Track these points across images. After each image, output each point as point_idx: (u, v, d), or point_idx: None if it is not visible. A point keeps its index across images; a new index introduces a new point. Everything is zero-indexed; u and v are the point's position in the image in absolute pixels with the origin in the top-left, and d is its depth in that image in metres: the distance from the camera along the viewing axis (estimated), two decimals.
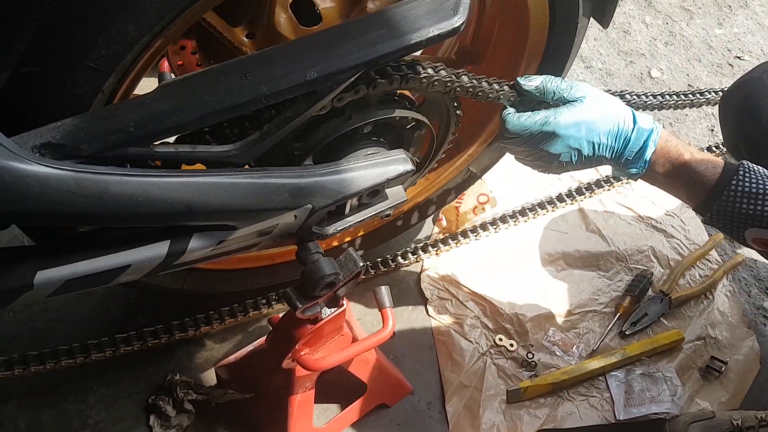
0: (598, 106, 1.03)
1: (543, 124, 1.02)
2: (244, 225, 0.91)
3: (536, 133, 1.03)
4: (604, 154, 1.06)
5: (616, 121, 1.04)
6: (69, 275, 0.82)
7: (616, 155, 1.06)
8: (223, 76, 0.82)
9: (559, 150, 1.05)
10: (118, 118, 0.78)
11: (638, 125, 1.04)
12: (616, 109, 1.05)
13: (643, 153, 1.05)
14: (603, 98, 1.05)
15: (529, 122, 1.03)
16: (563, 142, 1.03)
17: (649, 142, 1.04)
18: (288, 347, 1.13)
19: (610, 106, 1.04)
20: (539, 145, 1.05)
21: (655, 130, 1.05)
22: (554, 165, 1.08)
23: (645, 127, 1.04)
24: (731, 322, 1.61)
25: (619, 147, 1.05)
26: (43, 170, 0.73)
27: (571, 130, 1.02)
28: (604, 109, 1.04)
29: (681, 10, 2.42)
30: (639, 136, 1.04)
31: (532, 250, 1.68)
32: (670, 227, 1.76)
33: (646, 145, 1.04)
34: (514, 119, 1.04)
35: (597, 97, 1.04)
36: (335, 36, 0.87)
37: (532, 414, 1.43)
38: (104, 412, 1.36)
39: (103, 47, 0.78)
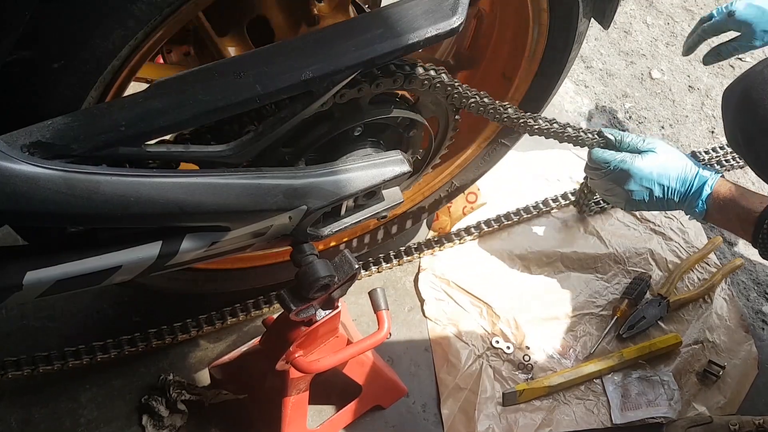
0: (668, 156, 1.22)
1: (621, 162, 1.21)
2: (237, 226, 0.90)
3: (615, 168, 1.22)
4: (672, 197, 1.22)
5: (681, 168, 1.21)
6: (59, 276, 0.81)
7: (681, 198, 1.22)
8: (217, 75, 0.81)
9: (632, 188, 1.22)
10: (109, 116, 0.77)
11: (699, 173, 1.20)
12: (682, 159, 1.22)
13: (700, 195, 1.20)
14: (672, 151, 1.23)
15: (610, 157, 1.23)
16: (637, 182, 1.21)
17: (705, 186, 1.19)
18: (282, 349, 1.12)
19: (677, 157, 1.23)
20: (616, 183, 1.23)
21: (712, 177, 1.20)
22: (628, 202, 1.25)
23: (704, 175, 1.20)
24: (729, 326, 1.60)
25: (684, 190, 1.21)
26: (32, 170, 0.72)
27: (644, 172, 1.20)
28: (674, 158, 1.22)
29: (683, 10, 2.41)
30: (699, 181, 1.20)
31: (530, 252, 1.67)
32: (668, 230, 1.75)
33: (702, 188, 1.19)
34: (599, 152, 1.24)
35: (667, 148, 1.23)
36: (332, 35, 0.85)
37: (527, 417, 1.42)
38: (96, 411, 1.35)
39: (93, 45, 0.77)
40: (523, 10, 1.15)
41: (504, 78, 1.32)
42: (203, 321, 1.43)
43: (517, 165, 1.79)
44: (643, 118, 2.06)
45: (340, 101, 0.92)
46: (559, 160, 1.84)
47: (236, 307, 1.46)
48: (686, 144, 2.02)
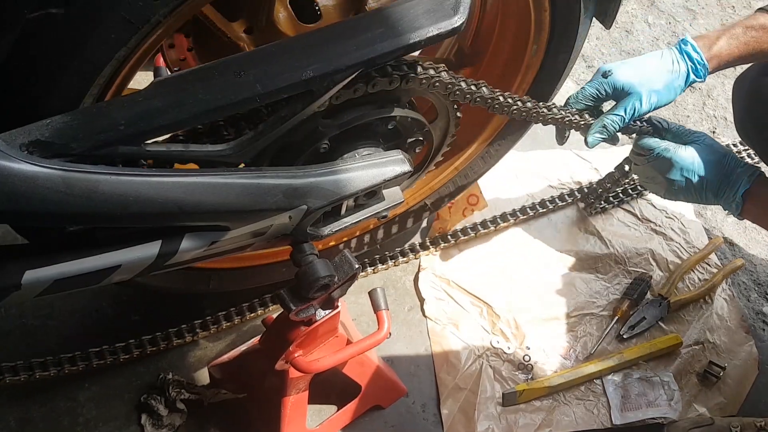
0: (711, 149, 1.22)
1: (665, 150, 1.22)
2: (237, 226, 0.89)
3: (658, 156, 1.23)
4: (710, 189, 1.22)
5: (722, 161, 1.21)
6: (58, 275, 0.81)
7: (717, 191, 1.22)
8: (217, 74, 0.80)
9: (673, 177, 1.23)
10: (109, 115, 0.76)
11: (740, 169, 1.20)
12: (724, 154, 1.22)
13: (738, 190, 1.20)
14: (715, 144, 1.24)
15: (655, 144, 1.24)
16: (677, 171, 1.22)
17: (743, 182, 1.19)
18: (281, 349, 1.12)
19: (719, 151, 1.23)
20: (658, 170, 1.24)
21: (751, 173, 1.20)
22: (668, 190, 1.26)
23: (744, 170, 1.20)
24: (730, 326, 1.60)
25: (721, 183, 1.21)
26: (31, 169, 0.72)
27: (685, 162, 1.21)
28: (715, 152, 1.22)
29: (684, 10, 2.40)
30: (738, 176, 1.20)
31: (530, 252, 1.67)
32: (669, 230, 1.74)
33: (741, 183, 1.19)
34: (646, 139, 1.25)
35: (711, 142, 1.24)
36: (332, 35, 0.85)
37: (527, 417, 1.42)
38: (95, 410, 1.34)
39: (95, 42, 0.76)
40: (525, 10, 1.15)
41: (504, 77, 1.31)
42: (209, 322, 1.43)
43: (517, 165, 1.79)
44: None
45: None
46: (561, 160, 1.84)
47: (239, 308, 1.46)
48: None
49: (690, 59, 1.20)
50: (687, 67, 1.20)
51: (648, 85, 1.18)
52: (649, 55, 1.22)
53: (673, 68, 1.20)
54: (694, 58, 1.20)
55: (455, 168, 1.46)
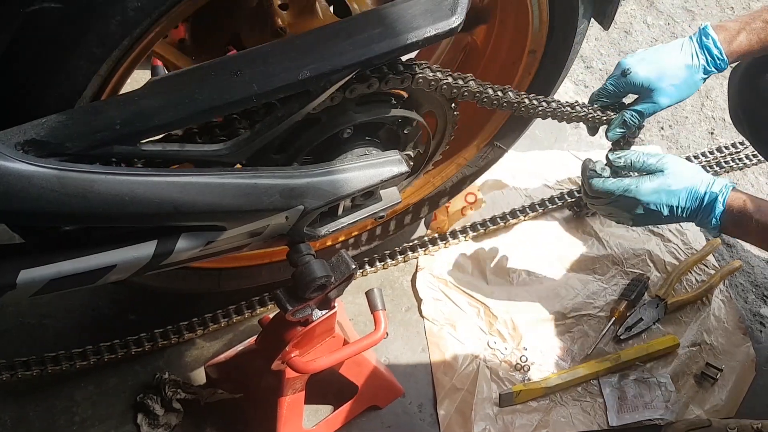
0: (680, 174, 1.15)
1: (625, 191, 1.16)
2: (233, 226, 0.89)
3: (620, 197, 1.17)
4: (682, 215, 1.17)
5: (691, 186, 1.15)
6: (53, 275, 0.81)
7: (691, 215, 1.17)
8: (214, 74, 0.80)
9: (639, 212, 1.18)
10: (104, 115, 0.76)
11: (709, 190, 1.14)
12: (692, 177, 1.16)
13: (713, 212, 1.14)
14: (685, 167, 1.16)
15: (614, 187, 1.17)
16: (643, 207, 1.16)
17: (716, 203, 1.14)
18: (278, 349, 1.12)
19: (687, 174, 1.16)
20: (621, 208, 1.19)
21: (723, 192, 1.14)
22: (635, 222, 1.21)
23: (715, 190, 1.14)
24: (727, 328, 1.60)
25: (693, 207, 1.15)
26: (26, 168, 0.71)
27: (651, 197, 1.15)
28: (685, 177, 1.15)
29: (683, 11, 2.40)
30: (710, 197, 1.14)
31: (528, 253, 1.66)
32: (667, 231, 1.74)
33: (714, 205, 1.14)
34: (600, 182, 1.19)
35: (679, 166, 1.16)
36: (329, 35, 0.85)
37: (524, 418, 1.41)
38: (91, 409, 1.34)
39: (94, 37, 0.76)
40: (523, 11, 1.15)
41: (502, 75, 1.31)
42: (208, 319, 1.44)
43: (515, 165, 1.79)
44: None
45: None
46: (558, 161, 1.84)
47: (232, 307, 1.46)
48: (685, 145, 2.01)
49: (710, 54, 1.18)
50: (706, 60, 1.19)
51: (668, 80, 1.17)
52: (668, 48, 1.20)
53: (692, 62, 1.18)
54: (715, 54, 1.18)
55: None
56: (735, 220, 1.14)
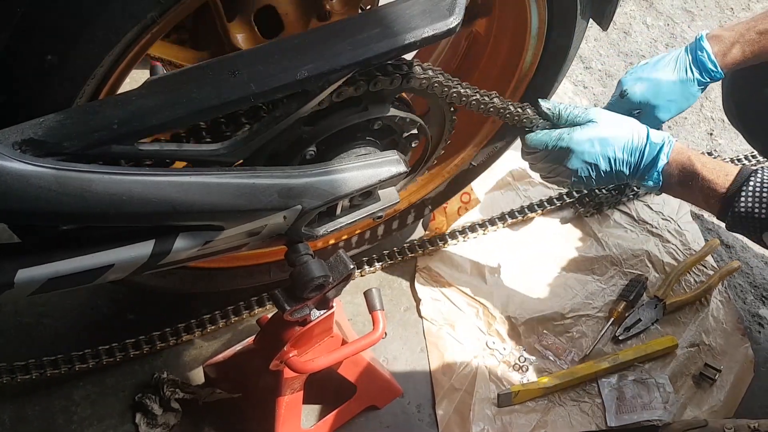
0: (611, 123, 1.11)
1: (558, 140, 1.11)
2: (231, 226, 0.89)
3: (552, 148, 1.12)
4: (622, 169, 1.11)
5: (629, 136, 1.10)
6: (51, 274, 0.81)
7: (632, 169, 1.11)
8: (212, 73, 0.80)
9: (575, 165, 1.12)
10: (102, 114, 0.76)
11: (651, 140, 1.08)
12: (630, 126, 1.11)
13: (655, 165, 1.09)
14: (616, 117, 1.12)
15: (546, 138, 1.13)
16: (579, 158, 1.11)
17: (660, 155, 1.08)
18: (276, 349, 1.12)
19: (623, 123, 1.11)
20: (557, 162, 1.13)
21: (667, 143, 1.09)
22: (575, 181, 1.15)
23: (656, 141, 1.08)
24: (726, 329, 1.60)
25: (634, 161, 1.10)
26: (23, 167, 0.71)
27: (585, 146, 1.10)
28: (617, 126, 1.11)
29: (683, 11, 2.40)
30: (651, 149, 1.08)
31: (526, 253, 1.67)
32: (666, 232, 1.74)
33: (658, 157, 1.08)
34: (533, 135, 1.15)
35: (610, 116, 1.12)
36: (327, 35, 0.85)
37: (522, 418, 1.42)
38: (90, 409, 1.34)
39: (88, 39, 0.76)
40: (522, 11, 1.15)
41: (502, 76, 1.31)
42: (206, 321, 1.44)
43: (514, 165, 1.79)
44: None
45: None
46: None
47: (235, 307, 1.46)
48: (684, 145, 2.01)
49: (704, 67, 1.19)
50: (701, 72, 1.19)
51: (665, 97, 1.18)
52: (663, 62, 1.21)
53: (687, 76, 1.19)
54: (708, 67, 1.19)
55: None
56: (679, 178, 1.10)
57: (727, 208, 1.07)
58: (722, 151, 2.01)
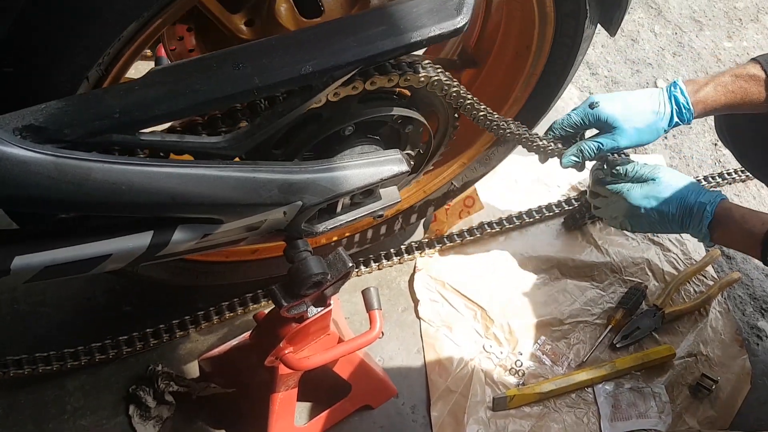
0: (670, 182, 1.18)
1: (618, 192, 1.20)
2: (230, 219, 0.89)
3: (612, 198, 1.21)
4: (673, 222, 1.18)
5: (682, 194, 1.17)
6: (47, 262, 0.80)
7: (681, 223, 1.18)
8: (216, 66, 0.80)
9: (632, 216, 1.20)
10: (104, 103, 0.76)
11: (699, 199, 1.16)
12: (684, 186, 1.18)
13: (701, 220, 1.16)
14: (675, 176, 1.19)
15: (611, 187, 1.21)
16: (634, 211, 1.19)
17: (705, 212, 1.15)
18: (272, 345, 1.11)
19: (679, 183, 1.18)
20: (616, 210, 1.21)
21: (711, 202, 1.16)
22: (629, 226, 1.23)
23: (704, 201, 1.16)
24: (724, 340, 1.59)
25: (682, 214, 1.17)
26: (23, 153, 0.71)
27: (642, 202, 1.18)
28: (674, 184, 1.18)
29: (691, 21, 2.40)
30: (699, 207, 1.16)
31: (527, 258, 1.66)
32: (667, 241, 1.74)
33: (703, 214, 1.16)
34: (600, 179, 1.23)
35: (670, 175, 1.19)
36: (333, 30, 0.84)
37: (517, 423, 1.41)
38: (83, 399, 1.34)
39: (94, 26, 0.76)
40: (528, 14, 1.14)
41: (506, 82, 1.31)
42: (201, 317, 1.43)
43: (516, 169, 1.79)
44: None
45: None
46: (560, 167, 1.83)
47: (230, 303, 1.46)
48: (688, 155, 2.01)
49: (677, 103, 1.21)
50: (672, 110, 1.21)
51: (631, 122, 1.19)
52: (638, 93, 1.23)
53: (658, 110, 1.20)
54: (681, 102, 1.21)
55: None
56: (723, 230, 1.16)
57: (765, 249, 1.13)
58: (726, 161, 2.00)
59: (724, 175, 1.92)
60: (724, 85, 1.23)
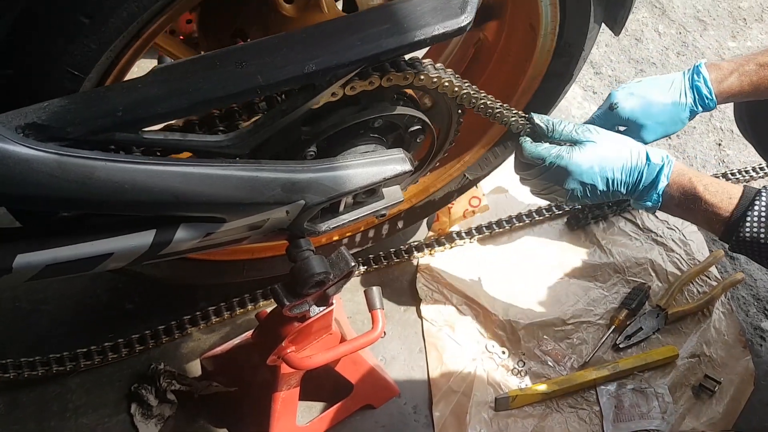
0: (610, 144, 1.08)
1: (557, 157, 1.08)
2: (233, 218, 0.88)
3: (550, 165, 1.08)
4: (620, 189, 1.09)
5: (628, 157, 1.08)
6: (49, 260, 0.80)
7: (630, 189, 1.09)
8: (219, 64, 0.79)
9: (572, 186, 1.10)
10: (107, 101, 0.75)
11: (651, 161, 1.06)
12: (628, 146, 1.09)
13: (655, 186, 1.07)
14: (614, 138, 1.09)
15: (545, 152, 1.09)
16: (576, 179, 1.08)
17: (660, 176, 1.06)
18: (274, 344, 1.11)
19: (621, 144, 1.09)
20: (553, 180, 1.10)
21: (667, 164, 1.07)
22: (569, 198, 1.13)
23: (656, 162, 1.06)
24: (727, 340, 1.59)
25: (633, 181, 1.08)
26: (26, 151, 0.71)
27: (584, 167, 1.07)
28: (616, 147, 1.08)
29: (695, 20, 2.39)
30: (651, 170, 1.06)
31: (530, 257, 1.66)
32: (670, 241, 1.73)
33: (658, 178, 1.06)
34: (531, 146, 1.10)
35: (608, 136, 1.09)
36: (337, 29, 0.84)
37: (519, 423, 1.41)
38: (85, 397, 1.33)
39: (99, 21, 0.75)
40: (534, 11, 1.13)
41: (510, 78, 1.30)
42: (199, 317, 1.43)
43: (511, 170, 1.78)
44: None
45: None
46: None
47: (230, 303, 1.46)
48: (692, 155, 2.00)
49: (699, 93, 1.17)
50: (694, 99, 1.17)
51: (654, 118, 1.16)
52: (659, 83, 1.18)
53: (680, 100, 1.16)
54: (704, 93, 1.17)
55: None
56: (680, 200, 1.08)
57: (731, 232, 1.05)
58: (730, 162, 2.00)
59: (728, 175, 1.92)
60: (748, 75, 1.17)
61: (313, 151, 0.96)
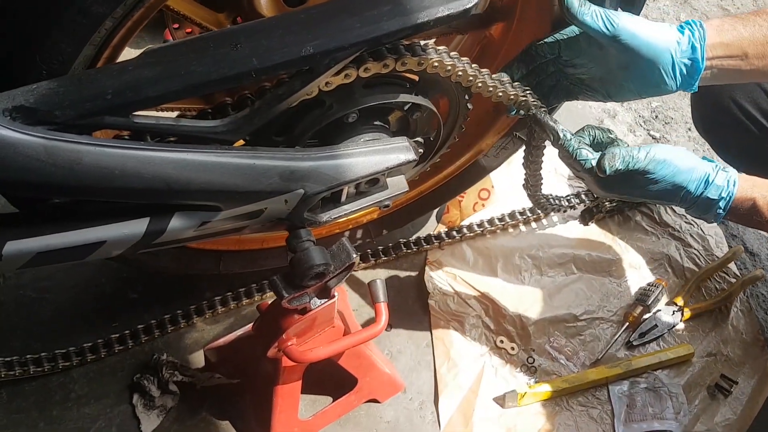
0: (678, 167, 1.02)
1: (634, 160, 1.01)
2: (229, 207, 0.86)
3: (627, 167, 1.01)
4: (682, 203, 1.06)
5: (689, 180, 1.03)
6: (40, 248, 0.78)
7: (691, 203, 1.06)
8: (213, 46, 0.76)
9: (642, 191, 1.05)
10: (96, 84, 0.73)
11: (715, 182, 1.03)
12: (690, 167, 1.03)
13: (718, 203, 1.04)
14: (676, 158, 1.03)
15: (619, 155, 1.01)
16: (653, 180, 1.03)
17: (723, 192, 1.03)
18: (274, 336, 1.09)
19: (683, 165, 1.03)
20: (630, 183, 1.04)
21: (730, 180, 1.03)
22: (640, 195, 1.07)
23: (720, 184, 1.03)
24: (745, 339, 1.54)
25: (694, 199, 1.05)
26: (12, 135, 0.68)
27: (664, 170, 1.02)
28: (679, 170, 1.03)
29: (718, 9, 2.32)
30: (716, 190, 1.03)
31: (542, 251, 1.61)
32: (688, 236, 1.68)
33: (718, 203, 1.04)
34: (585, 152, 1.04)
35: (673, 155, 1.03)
36: (336, 10, 0.80)
37: (527, 422, 1.37)
38: (87, 386, 1.32)
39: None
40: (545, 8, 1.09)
41: None
42: (205, 306, 1.42)
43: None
44: (670, 119, 1.99)
45: None
46: None
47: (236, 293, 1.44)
48: None
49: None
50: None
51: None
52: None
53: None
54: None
55: None
56: (743, 212, 1.04)
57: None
58: None
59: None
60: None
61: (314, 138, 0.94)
